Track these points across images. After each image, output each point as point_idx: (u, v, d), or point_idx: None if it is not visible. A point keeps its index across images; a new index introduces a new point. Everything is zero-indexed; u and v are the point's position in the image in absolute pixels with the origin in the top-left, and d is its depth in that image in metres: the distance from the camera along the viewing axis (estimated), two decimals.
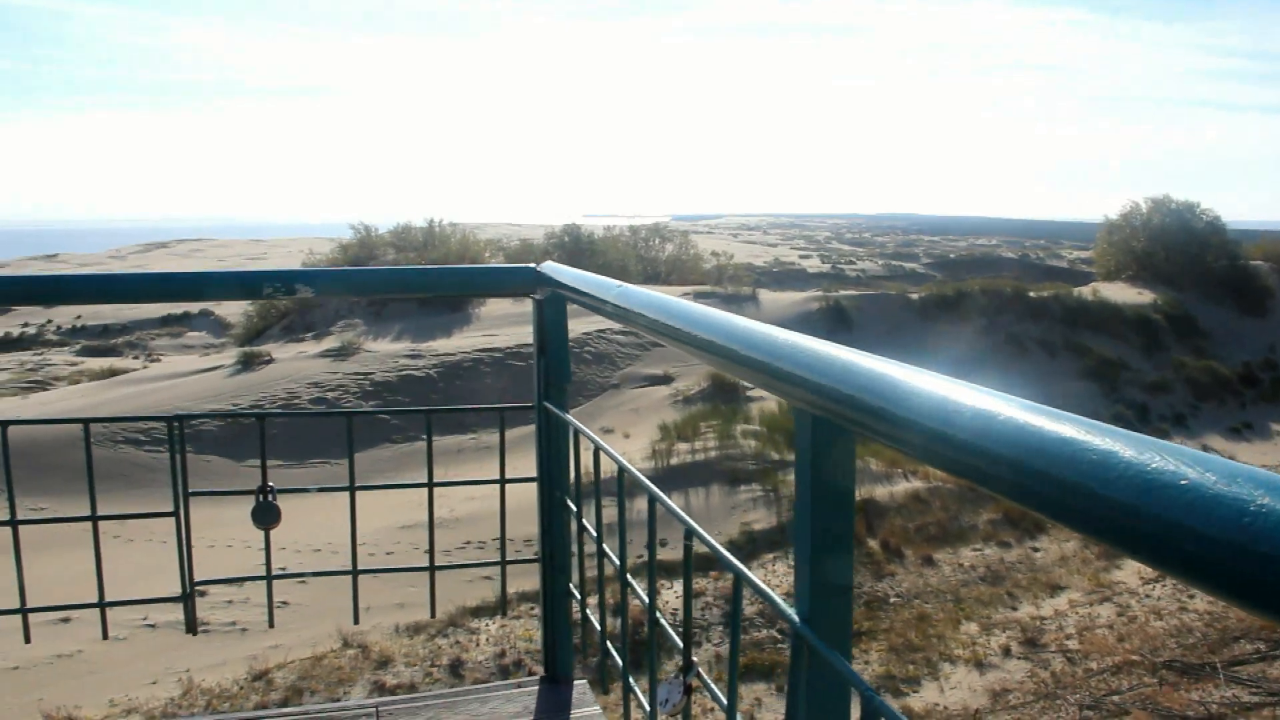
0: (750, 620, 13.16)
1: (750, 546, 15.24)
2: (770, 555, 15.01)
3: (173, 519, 2.82)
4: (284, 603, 13.44)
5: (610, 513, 2.49)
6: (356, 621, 3.15)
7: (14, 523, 2.77)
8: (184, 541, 2.78)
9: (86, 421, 2.87)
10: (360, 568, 3.09)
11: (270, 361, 24.20)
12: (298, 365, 23.82)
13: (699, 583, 14.01)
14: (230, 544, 15.57)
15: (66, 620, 12.68)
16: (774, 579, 14.23)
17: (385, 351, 25.01)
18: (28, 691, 11.15)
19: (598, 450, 2.36)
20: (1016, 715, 11.50)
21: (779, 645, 12.65)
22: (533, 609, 13.43)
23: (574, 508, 2.70)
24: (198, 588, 2.92)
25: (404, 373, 23.41)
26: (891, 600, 14.08)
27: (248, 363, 23.98)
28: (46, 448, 19.35)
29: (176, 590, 2.82)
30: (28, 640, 2.84)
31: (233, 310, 44.05)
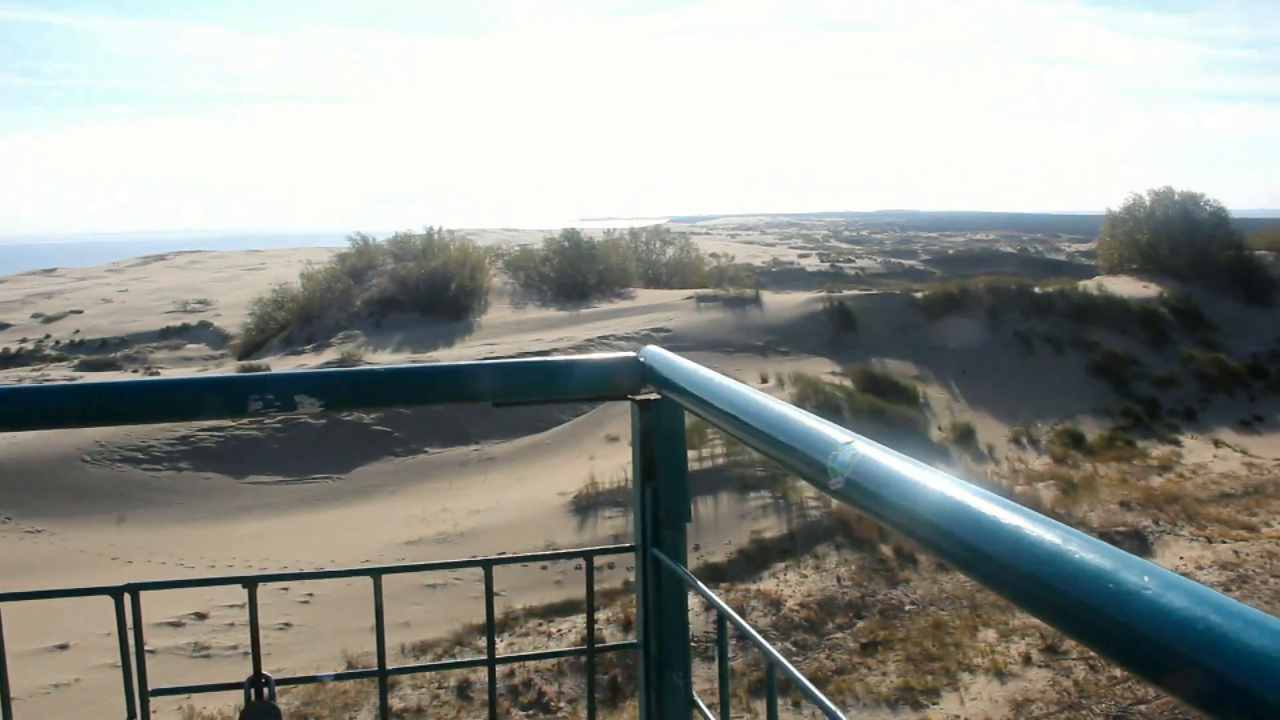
0: (764, 633, 12.87)
1: (761, 556, 14.97)
2: (781, 565, 14.73)
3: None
4: (287, 624, 13.18)
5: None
6: None
7: None
8: None
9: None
10: (361, 584, 2.52)
11: None
12: None
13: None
14: (231, 564, 15.31)
15: (64, 647, 12.42)
16: (785, 589, 13.96)
17: (386, 362, 24.72)
18: None
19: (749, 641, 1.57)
20: None
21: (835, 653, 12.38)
22: (541, 625, 13.17)
23: (701, 706, 1.93)
24: (198, 614, 2.03)
25: None
26: (906, 608, 13.80)
27: None
28: (42, 466, 19.09)
29: None
30: None
31: (233, 321, 43.80)
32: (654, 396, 2.08)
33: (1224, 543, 16.51)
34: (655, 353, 2.12)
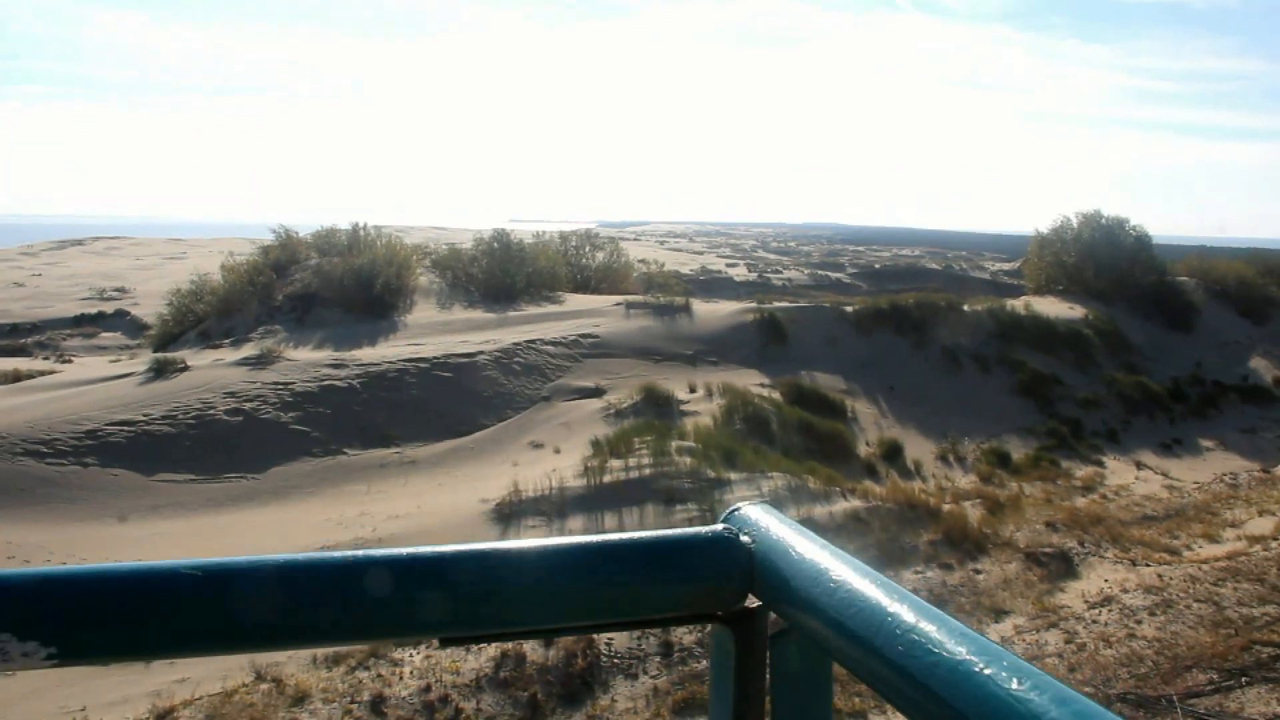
0: (689, 650, 12.56)
1: None
2: None
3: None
4: None
5: None
6: None
7: None
8: None
9: None
10: None
11: (185, 369, 23.16)
12: (214, 373, 22.83)
13: None
14: None
15: None
16: None
17: (307, 360, 24.09)
18: None
19: None
20: None
21: None
22: None
23: None
24: None
25: (326, 382, 22.52)
26: None
27: (161, 370, 22.91)
28: None
29: None
30: None
31: (151, 310, 42.75)
32: (755, 605, 1.21)
33: (1148, 565, 16.53)
34: (767, 528, 1.20)
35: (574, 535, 1.26)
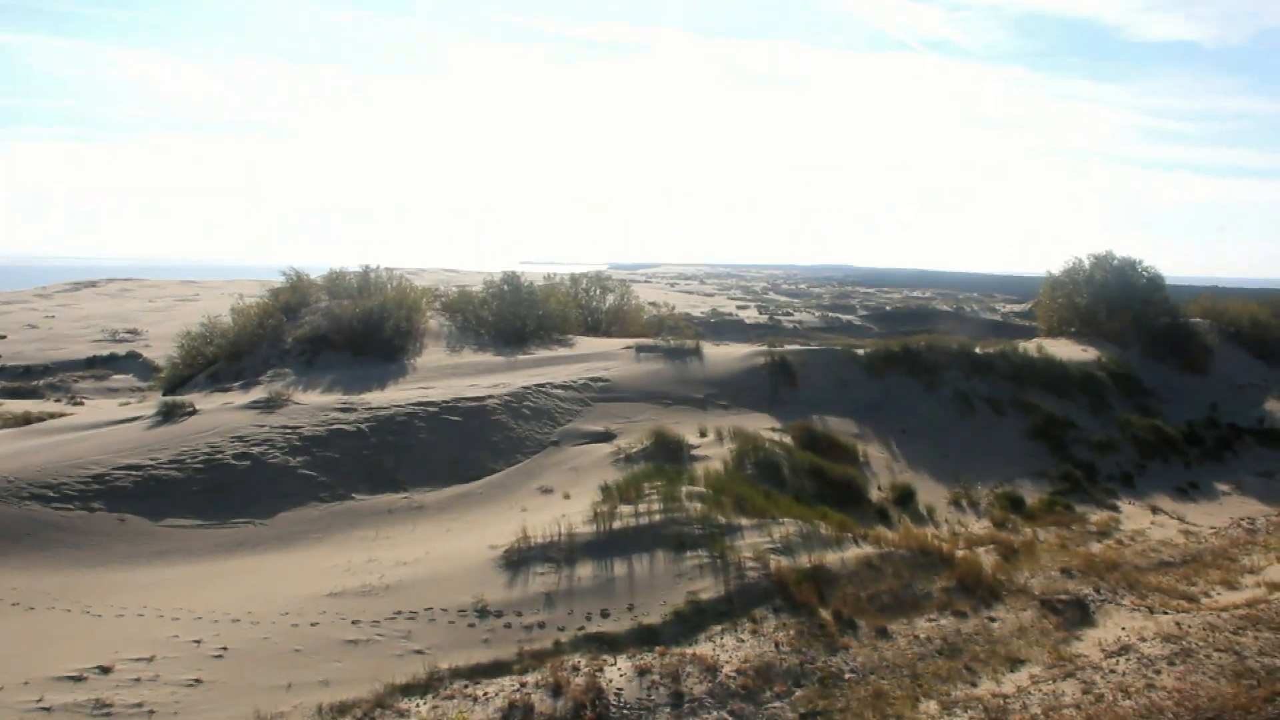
0: (699, 701, 12.35)
1: (698, 617, 14.45)
2: (718, 627, 14.22)
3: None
4: (198, 680, 12.44)
5: None
6: None
7: None
8: None
9: None
10: (279, 638, 1.69)
11: (193, 413, 23.07)
12: (223, 417, 22.73)
13: (644, 658, 13.22)
14: (142, 612, 14.55)
15: None
16: (722, 654, 13.45)
17: (315, 403, 23.99)
18: None
19: None
20: None
21: None
22: (467, 686, 12.55)
23: None
24: (102, 667, 1.30)
25: (334, 426, 22.40)
26: (846, 676, 13.34)
27: (169, 414, 22.82)
28: None
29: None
30: None
31: (163, 353, 42.74)
32: None
33: (1165, 613, 16.29)
34: None
35: None
